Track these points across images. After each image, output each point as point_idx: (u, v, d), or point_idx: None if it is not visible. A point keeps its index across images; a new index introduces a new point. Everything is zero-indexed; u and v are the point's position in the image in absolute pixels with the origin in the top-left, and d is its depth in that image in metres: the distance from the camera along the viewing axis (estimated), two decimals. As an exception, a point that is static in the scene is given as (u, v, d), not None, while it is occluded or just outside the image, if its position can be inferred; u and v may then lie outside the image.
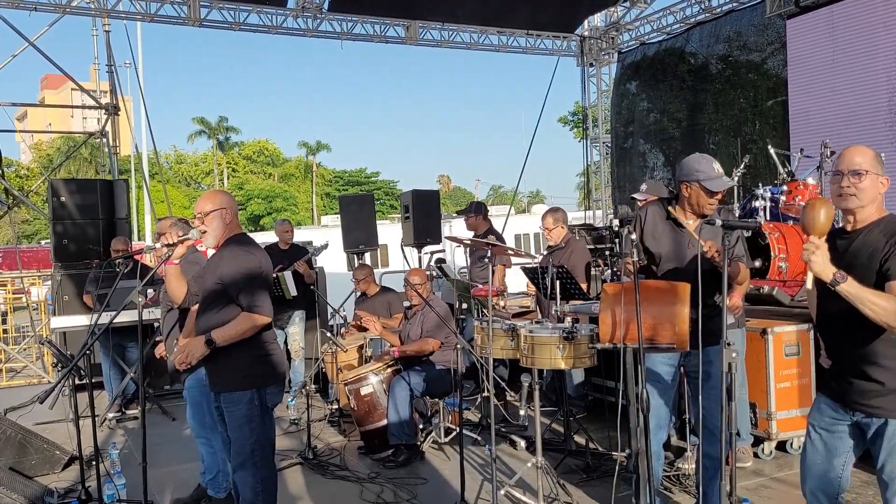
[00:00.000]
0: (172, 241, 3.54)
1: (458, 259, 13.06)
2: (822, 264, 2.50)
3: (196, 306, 3.77)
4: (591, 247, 8.85)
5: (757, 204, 6.43)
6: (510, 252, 6.56)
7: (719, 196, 3.61)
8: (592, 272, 6.46)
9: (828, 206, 2.55)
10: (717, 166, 3.59)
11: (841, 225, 2.88)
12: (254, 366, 3.54)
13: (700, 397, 3.52)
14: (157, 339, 5.40)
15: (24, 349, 10.78)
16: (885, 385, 2.60)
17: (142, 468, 3.70)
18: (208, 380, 3.70)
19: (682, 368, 3.76)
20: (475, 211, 7.50)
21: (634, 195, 5.55)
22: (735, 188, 7.06)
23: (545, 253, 6.29)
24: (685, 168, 3.64)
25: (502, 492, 4.34)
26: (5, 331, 11.12)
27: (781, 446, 4.96)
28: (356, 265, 8.22)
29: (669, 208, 3.72)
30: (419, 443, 5.44)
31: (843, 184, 2.67)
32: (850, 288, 2.48)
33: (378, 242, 9.56)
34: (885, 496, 2.68)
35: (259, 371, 3.55)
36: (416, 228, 9.33)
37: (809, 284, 2.58)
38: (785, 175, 6.82)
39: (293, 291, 7.09)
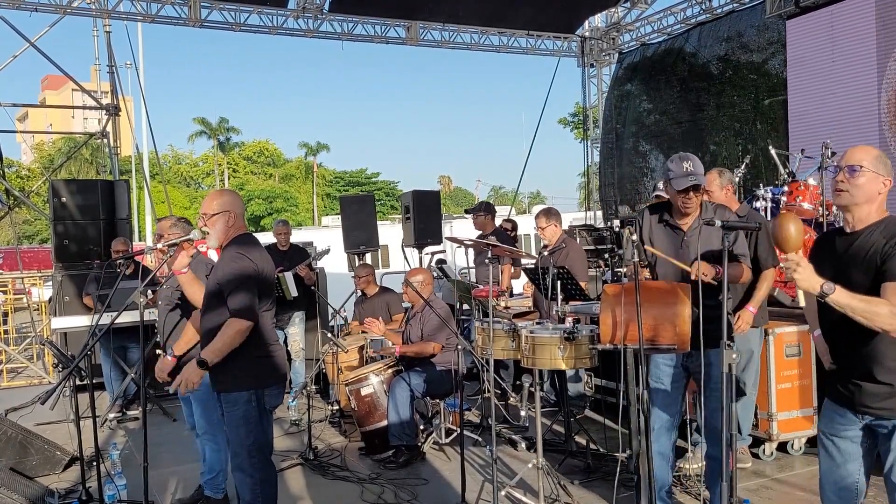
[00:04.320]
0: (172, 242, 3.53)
1: (458, 260, 13.04)
2: (807, 279, 2.44)
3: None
4: (592, 247, 8.87)
5: (758, 204, 6.43)
6: (509, 253, 6.56)
7: (691, 195, 3.55)
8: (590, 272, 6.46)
9: (795, 220, 2.50)
10: (688, 164, 3.52)
11: (840, 224, 2.84)
12: (252, 367, 3.53)
13: (702, 398, 3.51)
14: (157, 340, 5.39)
15: (25, 350, 10.79)
16: (894, 386, 2.56)
17: (143, 469, 3.71)
18: (210, 380, 3.71)
19: (686, 369, 3.73)
20: (485, 210, 7.51)
21: (658, 192, 5.48)
22: (736, 188, 7.06)
23: (543, 253, 6.29)
24: (664, 168, 3.64)
25: (503, 493, 4.34)
26: (6, 331, 11.12)
27: (782, 447, 4.96)
28: (358, 264, 8.23)
29: (667, 210, 3.72)
30: (420, 443, 5.44)
31: (838, 178, 2.63)
32: (840, 298, 2.43)
33: (379, 243, 9.56)
34: (893, 499, 2.64)
35: (257, 372, 3.54)
36: (416, 229, 9.33)
37: (803, 301, 2.52)
38: (786, 175, 6.83)
39: (294, 292, 7.09)
